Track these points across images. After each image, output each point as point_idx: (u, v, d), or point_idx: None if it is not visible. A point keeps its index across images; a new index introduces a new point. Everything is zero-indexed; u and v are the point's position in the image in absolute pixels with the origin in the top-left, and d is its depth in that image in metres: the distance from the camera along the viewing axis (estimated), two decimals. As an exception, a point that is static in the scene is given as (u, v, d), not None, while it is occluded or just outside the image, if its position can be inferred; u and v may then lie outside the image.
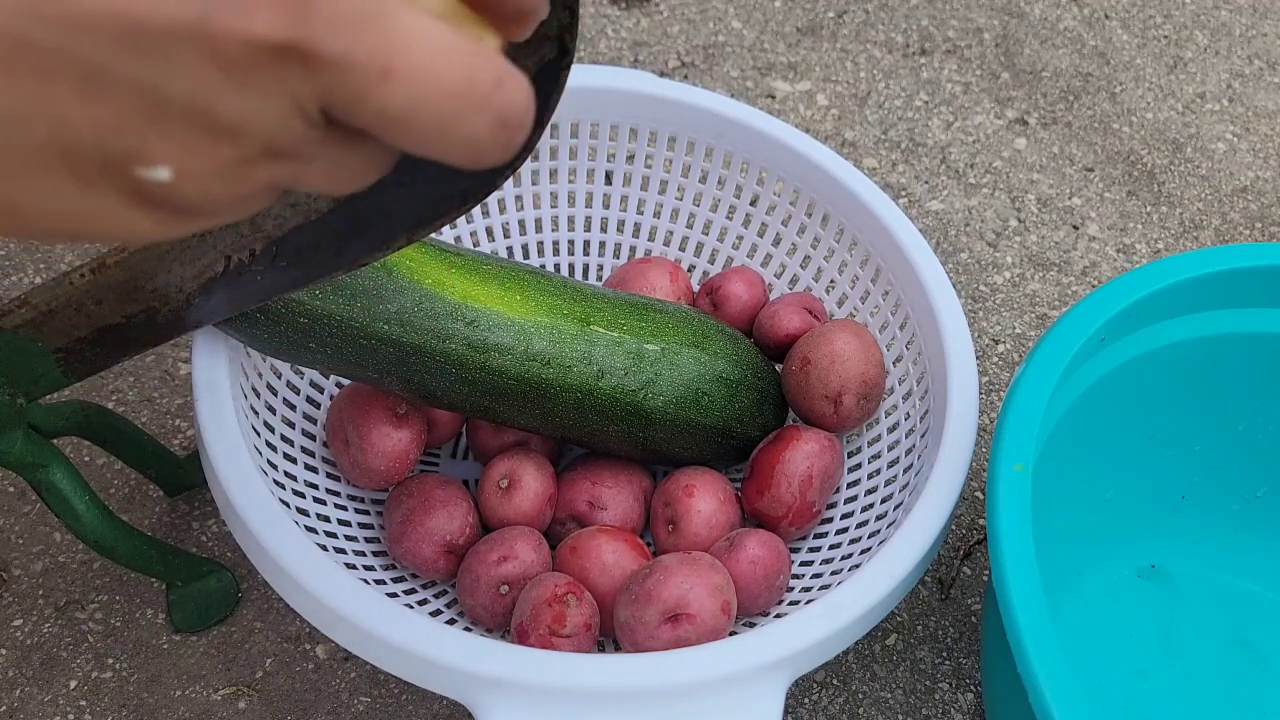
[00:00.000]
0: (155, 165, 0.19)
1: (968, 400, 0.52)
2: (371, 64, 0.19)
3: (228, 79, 0.18)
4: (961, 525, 0.64)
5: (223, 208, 0.20)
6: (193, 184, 0.19)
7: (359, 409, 0.53)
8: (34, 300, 0.42)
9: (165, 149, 0.19)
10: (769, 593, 0.53)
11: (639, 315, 0.55)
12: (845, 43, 0.90)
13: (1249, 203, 0.82)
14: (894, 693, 0.58)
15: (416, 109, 0.20)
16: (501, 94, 0.21)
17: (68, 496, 0.48)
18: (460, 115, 0.20)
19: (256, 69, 0.18)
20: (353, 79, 0.19)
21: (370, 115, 0.20)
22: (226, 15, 0.18)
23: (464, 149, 0.21)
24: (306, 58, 0.19)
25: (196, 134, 0.19)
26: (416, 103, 0.20)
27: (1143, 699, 0.58)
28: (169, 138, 0.19)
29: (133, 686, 0.55)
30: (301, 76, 0.19)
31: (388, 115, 0.20)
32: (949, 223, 0.79)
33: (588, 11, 0.90)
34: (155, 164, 0.19)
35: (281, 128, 0.19)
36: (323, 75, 0.19)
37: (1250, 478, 0.62)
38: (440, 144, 0.21)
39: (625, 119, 0.64)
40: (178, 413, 0.64)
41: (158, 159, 0.19)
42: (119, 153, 0.19)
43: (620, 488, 0.56)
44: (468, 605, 0.52)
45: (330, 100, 0.19)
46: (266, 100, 0.19)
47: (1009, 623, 0.43)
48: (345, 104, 0.19)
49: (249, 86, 0.19)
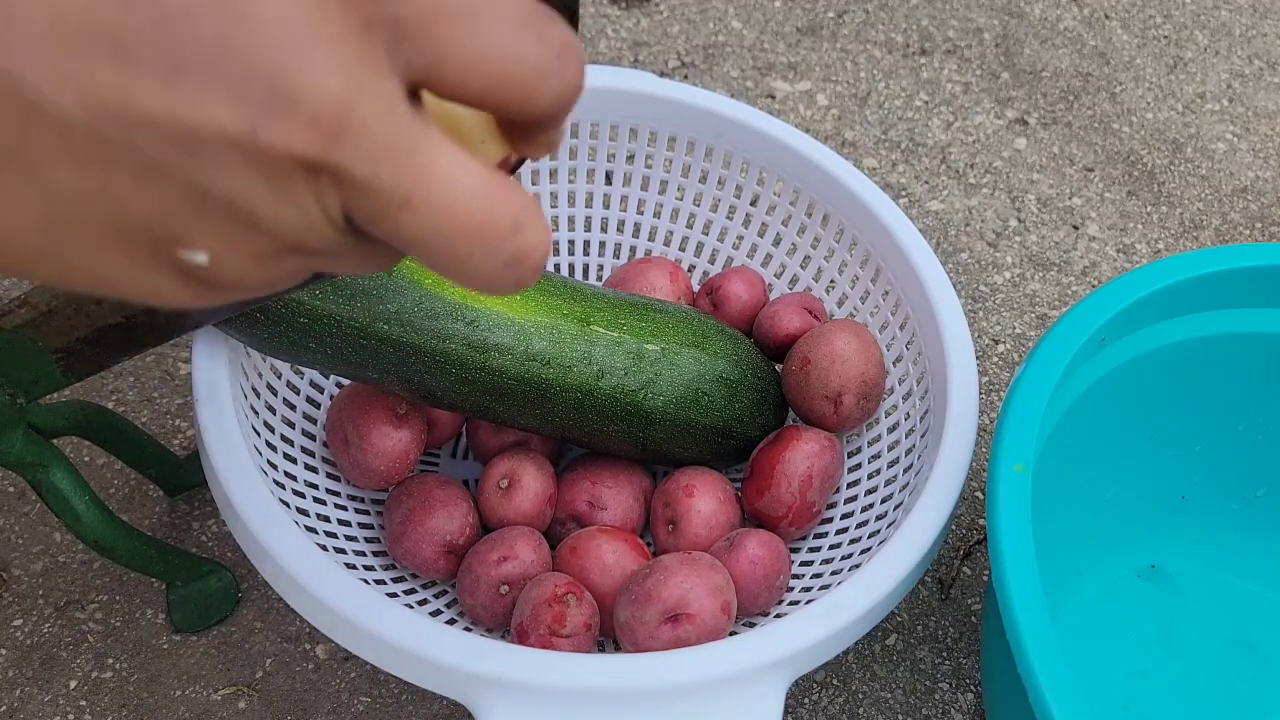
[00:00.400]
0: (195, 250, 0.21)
1: (968, 400, 0.52)
2: (394, 193, 0.21)
3: (266, 185, 0.20)
4: (961, 525, 0.64)
5: (254, 288, 0.23)
6: (228, 268, 0.21)
7: (359, 409, 0.53)
8: (34, 300, 0.42)
9: (205, 237, 0.21)
10: (769, 593, 0.53)
11: (639, 315, 0.55)
12: (845, 43, 0.90)
13: (1249, 203, 0.82)
14: (894, 693, 0.58)
15: (430, 240, 0.22)
16: (517, 238, 0.22)
17: (68, 496, 0.48)
18: (471, 254, 0.22)
19: (293, 180, 0.20)
20: (375, 202, 0.21)
21: (388, 235, 0.22)
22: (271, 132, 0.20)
23: (474, 281, 0.23)
24: (337, 177, 0.20)
25: (234, 228, 0.21)
26: (430, 234, 0.21)
27: (1143, 699, 0.58)
28: (209, 228, 0.21)
29: (133, 686, 0.55)
30: (331, 191, 0.21)
31: (403, 239, 0.22)
32: (949, 223, 0.79)
33: (588, 11, 0.90)
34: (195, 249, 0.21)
35: (310, 230, 0.21)
36: (349, 193, 0.21)
37: (1250, 478, 0.62)
38: (451, 272, 0.22)
39: (625, 119, 0.64)
40: (178, 413, 0.64)
41: (198, 245, 0.21)
42: (165, 235, 0.21)
43: (620, 488, 0.56)
44: (468, 605, 0.52)
45: (354, 214, 0.21)
46: (299, 206, 0.21)
47: (1009, 623, 0.43)
48: (367, 221, 0.21)
49: (285, 194, 0.20)
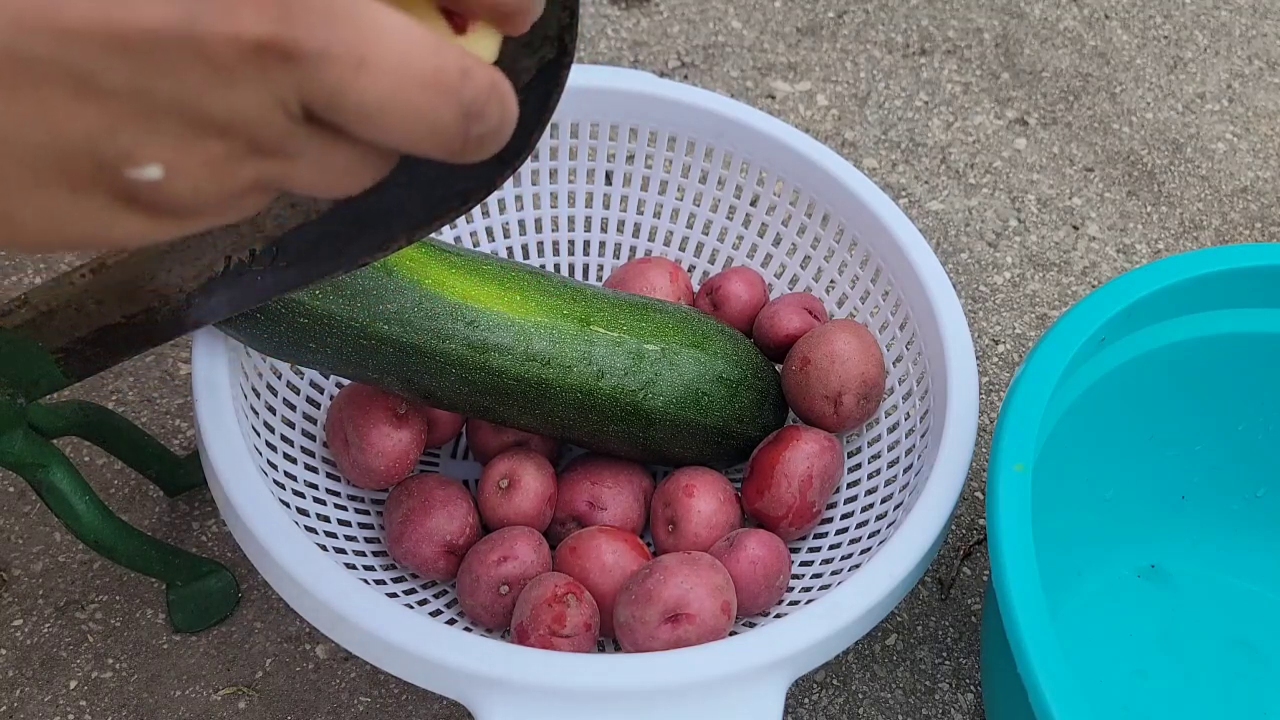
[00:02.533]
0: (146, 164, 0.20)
1: (968, 400, 0.52)
2: (348, 56, 0.20)
3: (213, 77, 0.19)
4: (961, 525, 0.64)
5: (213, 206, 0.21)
6: (182, 181, 0.20)
7: (359, 409, 0.53)
8: (34, 300, 0.42)
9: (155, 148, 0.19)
10: (769, 593, 0.53)
11: (639, 315, 0.55)
12: (845, 43, 0.90)
13: (1249, 203, 0.82)
14: (894, 693, 0.58)
15: (390, 99, 0.21)
16: (468, 84, 0.22)
17: (68, 496, 0.48)
18: (431, 106, 0.21)
19: (241, 66, 0.19)
20: (331, 71, 0.20)
21: (348, 107, 0.21)
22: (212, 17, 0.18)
23: (433, 140, 0.22)
24: (288, 53, 0.19)
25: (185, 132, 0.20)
26: (390, 92, 0.21)
27: (1143, 699, 0.58)
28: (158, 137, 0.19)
29: (133, 686, 0.55)
30: (284, 72, 0.20)
31: (364, 107, 0.21)
32: (949, 223, 0.79)
33: (588, 11, 0.90)
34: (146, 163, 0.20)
35: (266, 123, 0.20)
36: (303, 69, 0.20)
37: (1250, 478, 0.62)
38: (414, 135, 0.22)
39: (625, 119, 0.64)
40: (178, 413, 0.64)
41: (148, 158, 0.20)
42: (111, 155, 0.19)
43: (620, 488, 0.56)
44: (468, 605, 0.52)
45: (311, 94, 0.20)
46: (251, 96, 0.20)
47: (1009, 623, 0.43)
48: (325, 97, 0.20)
49: (234, 84, 0.19)
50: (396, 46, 0.21)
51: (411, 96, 0.21)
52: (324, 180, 0.23)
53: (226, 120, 0.20)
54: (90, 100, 0.19)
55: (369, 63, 0.20)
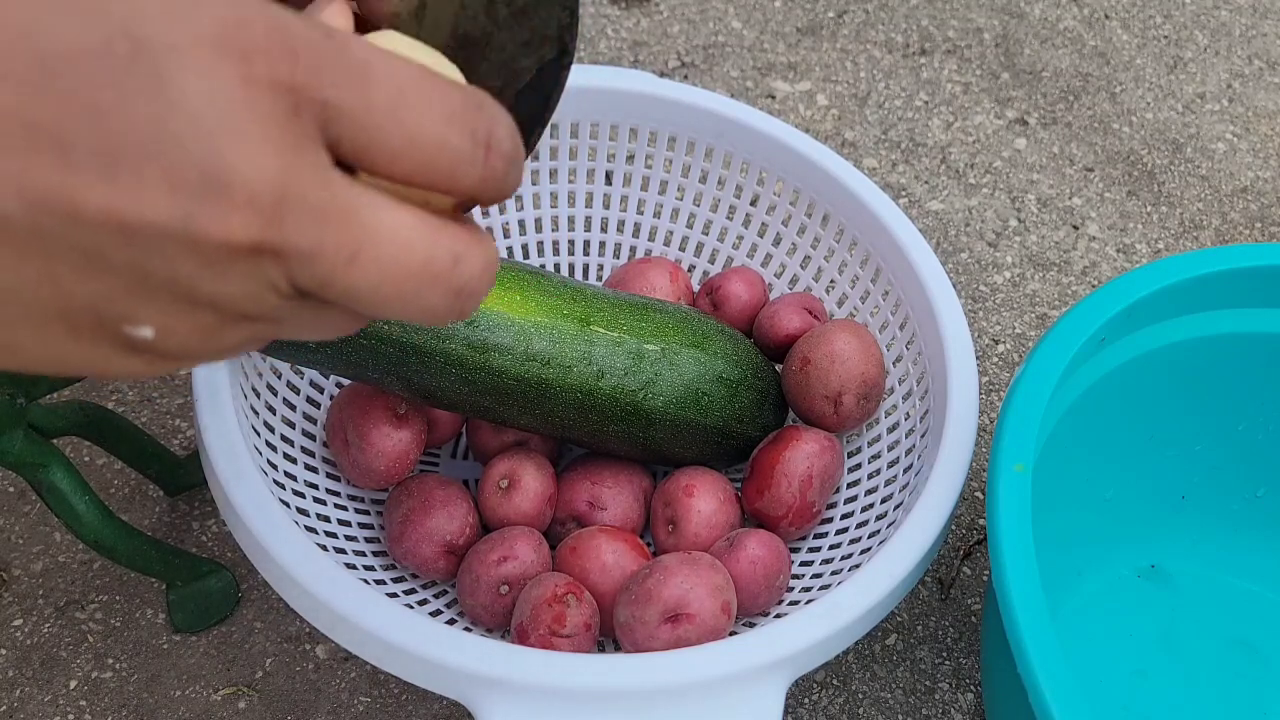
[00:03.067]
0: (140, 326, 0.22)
1: (968, 400, 0.52)
2: (339, 254, 0.22)
3: (206, 268, 0.21)
4: (961, 525, 0.64)
5: (206, 357, 0.23)
6: (174, 340, 0.22)
7: (359, 409, 0.53)
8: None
9: (149, 315, 0.22)
10: (769, 593, 0.53)
11: (639, 315, 0.55)
12: (845, 43, 0.90)
13: (1249, 203, 0.82)
14: (894, 693, 0.58)
15: (379, 288, 0.22)
16: (458, 271, 0.24)
17: (68, 496, 0.48)
18: (418, 291, 0.23)
19: (233, 261, 0.21)
20: (321, 266, 0.22)
21: (337, 294, 0.22)
22: (205, 221, 0.20)
23: (423, 317, 0.24)
24: (279, 254, 0.21)
25: (177, 306, 0.21)
26: (379, 283, 0.22)
27: (1143, 699, 0.58)
28: (154, 306, 0.21)
29: (133, 686, 0.55)
30: (273, 266, 0.21)
31: (354, 294, 0.22)
32: (949, 223, 0.79)
33: (588, 11, 0.90)
34: (141, 325, 0.22)
35: (255, 302, 0.22)
36: (293, 264, 0.22)
37: (1250, 478, 0.62)
38: (401, 314, 0.23)
39: (625, 119, 0.64)
40: (178, 413, 0.64)
41: (143, 322, 0.22)
42: (110, 316, 0.21)
43: (620, 488, 0.56)
44: (468, 605, 0.52)
45: (299, 282, 0.22)
46: (241, 284, 0.21)
47: (1009, 623, 0.43)
48: (314, 286, 0.22)
49: (226, 274, 0.21)
50: (388, 241, 0.22)
51: (400, 286, 0.23)
52: (315, 333, 0.25)
53: (217, 300, 0.21)
54: (94, 273, 0.21)
55: (359, 258, 0.22)
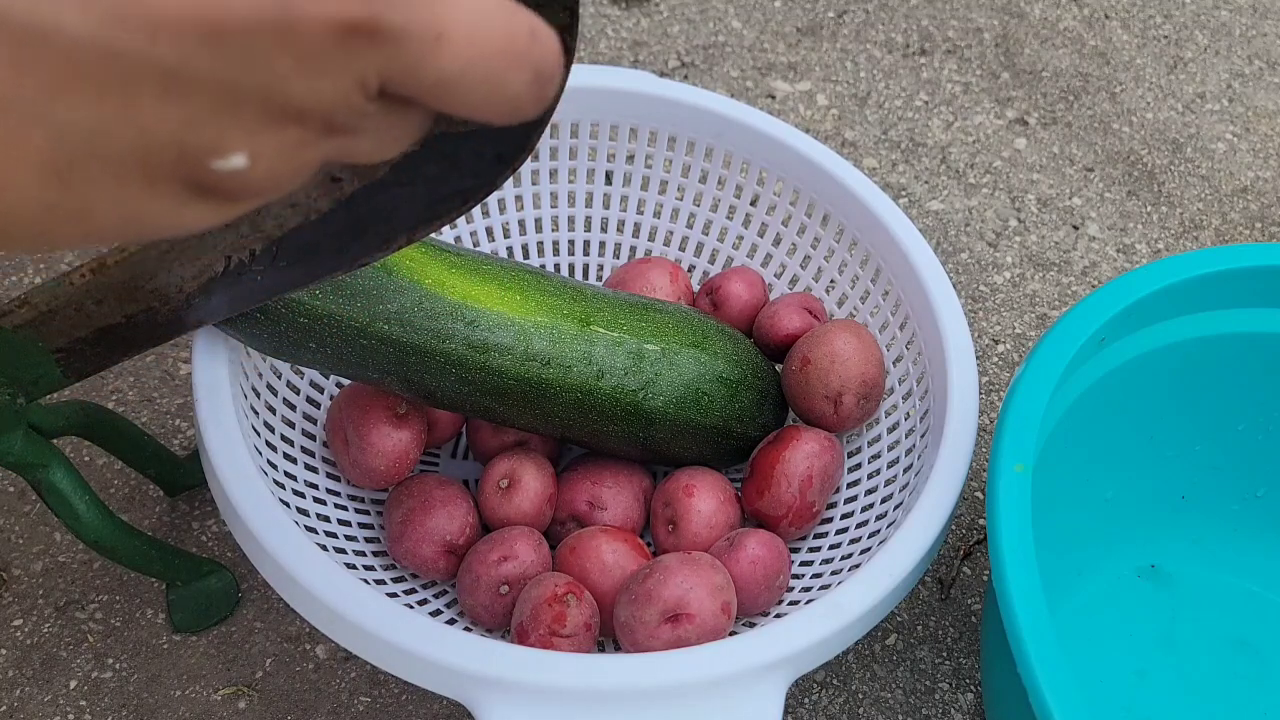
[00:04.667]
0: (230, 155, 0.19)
1: (968, 400, 0.52)
2: (427, 30, 0.20)
3: (302, 65, 0.19)
4: (961, 525, 0.64)
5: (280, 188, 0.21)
6: (260, 167, 0.20)
7: (359, 409, 0.53)
8: (34, 300, 0.42)
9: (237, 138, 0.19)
10: (769, 593, 0.53)
11: (639, 315, 0.55)
12: (845, 43, 0.90)
13: (1249, 203, 0.82)
14: (894, 693, 0.58)
15: (468, 70, 0.21)
16: (536, 45, 0.22)
17: (68, 496, 0.48)
18: (505, 71, 0.21)
19: (329, 51, 0.19)
20: (412, 48, 0.20)
21: (427, 82, 0.21)
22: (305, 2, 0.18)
23: (507, 105, 0.22)
24: (373, 33, 0.19)
25: (266, 120, 0.20)
26: (468, 64, 0.21)
27: (1143, 699, 0.58)
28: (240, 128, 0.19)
29: (133, 686, 0.55)
30: (367, 53, 0.20)
31: (443, 80, 0.21)
32: (949, 223, 0.79)
33: (588, 11, 0.90)
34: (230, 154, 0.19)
35: (344, 105, 0.20)
36: (386, 48, 0.20)
37: (1250, 478, 0.62)
38: (487, 102, 0.22)
39: (625, 119, 0.64)
40: (178, 413, 0.64)
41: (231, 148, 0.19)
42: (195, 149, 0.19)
43: (620, 488, 0.56)
44: (468, 605, 0.52)
45: (390, 71, 0.20)
46: (334, 80, 0.20)
47: (1009, 623, 0.43)
48: (404, 74, 0.20)
49: (321, 70, 0.19)
50: (470, 15, 0.21)
51: (488, 65, 0.21)
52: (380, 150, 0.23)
53: (309, 106, 0.20)
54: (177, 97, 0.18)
55: (446, 35, 0.20)
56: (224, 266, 0.41)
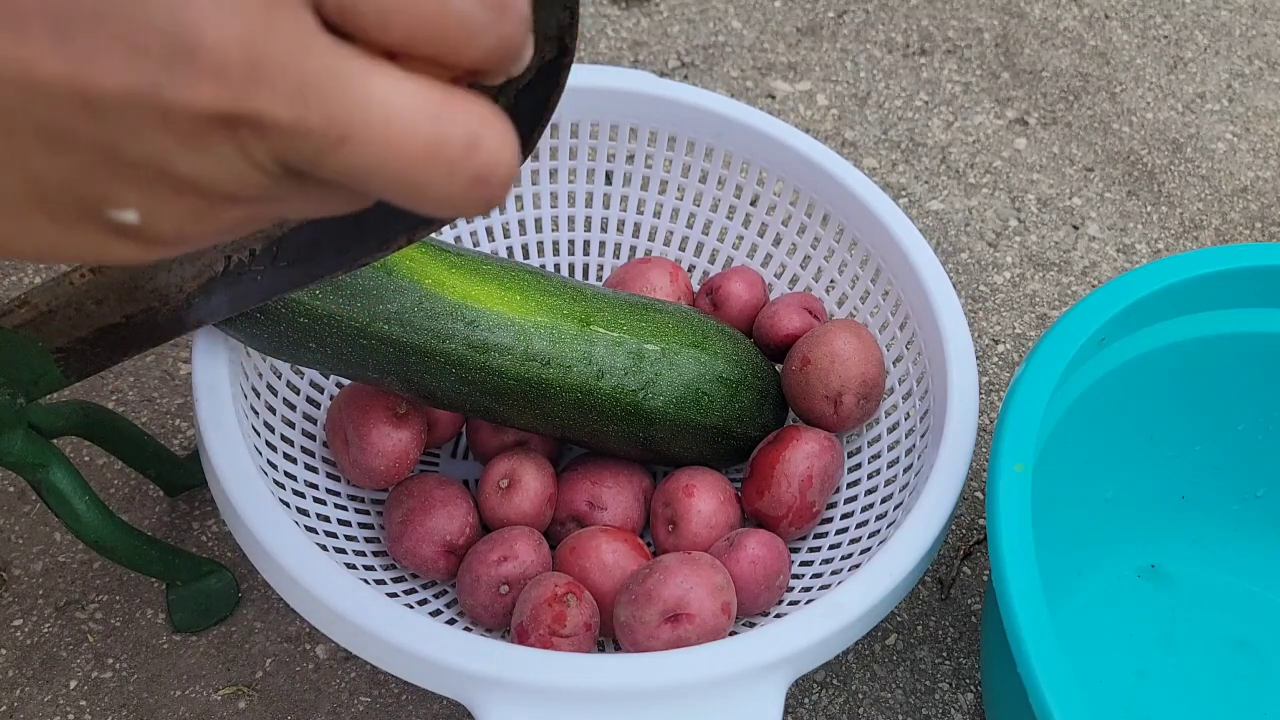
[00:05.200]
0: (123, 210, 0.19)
1: (968, 400, 0.52)
2: (327, 132, 0.19)
3: (180, 143, 0.19)
4: (961, 525, 0.64)
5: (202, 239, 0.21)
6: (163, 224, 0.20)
7: (359, 409, 0.53)
8: (34, 300, 0.42)
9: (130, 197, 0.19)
10: (769, 593, 0.53)
11: (639, 315, 0.55)
12: (845, 43, 0.90)
13: (1249, 203, 0.82)
14: (894, 693, 0.58)
15: (378, 173, 0.20)
16: (475, 155, 0.20)
17: (68, 496, 0.48)
18: (429, 180, 0.20)
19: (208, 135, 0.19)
20: (308, 143, 0.19)
21: (331, 174, 0.20)
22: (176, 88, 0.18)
23: (439, 207, 0.21)
24: (257, 125, 0.19)
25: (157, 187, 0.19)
26: (376, 167, 0.19)
27: (1143, 699, 0.58)
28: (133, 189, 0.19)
29: (133, 686, 0.55)
30: (254, 140, 0.19)
31: (350, 174, 0.20)
32: (949, 223, 0.79)
33: (588, 11, 0.90)
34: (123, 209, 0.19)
35: (241, 181, 0.20)
36: (276, 139, 0.19)
37: (1250, 478, 0.62)
38: (410, 201, 0.20)
39: (625, 119, 0.64)
40: (178, 413, 0.64)
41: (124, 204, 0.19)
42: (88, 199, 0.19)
43: (620, 488, 0.56)
44: (468, 605, 0.52)
45: (287, 160, 0.19)
46: (220, 160, 0.19)
47: (1009, 623, 0.43)
48: (304, 164, 0.19)
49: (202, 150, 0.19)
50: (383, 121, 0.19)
51: (405, 173, 0.20)
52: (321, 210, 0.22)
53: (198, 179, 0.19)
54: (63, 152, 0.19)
55: (352, 138, 0.19)
56: (224, 266, 0.41)
